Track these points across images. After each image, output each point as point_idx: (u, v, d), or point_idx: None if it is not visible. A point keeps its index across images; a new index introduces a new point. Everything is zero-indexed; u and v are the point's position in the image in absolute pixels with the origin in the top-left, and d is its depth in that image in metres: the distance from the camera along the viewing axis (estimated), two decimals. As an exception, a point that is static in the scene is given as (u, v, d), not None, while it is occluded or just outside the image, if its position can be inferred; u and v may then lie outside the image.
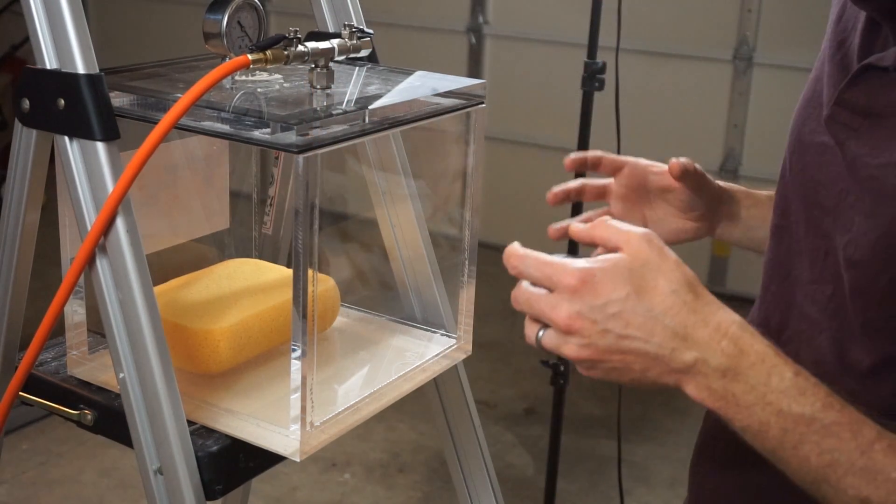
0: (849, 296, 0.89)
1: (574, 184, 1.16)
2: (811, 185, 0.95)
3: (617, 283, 0.77)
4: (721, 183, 1.16)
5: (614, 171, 1.16)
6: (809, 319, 0.93)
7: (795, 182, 0.98)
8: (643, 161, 1.15)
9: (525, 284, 0.80)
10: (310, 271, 0.88)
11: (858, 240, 0.87)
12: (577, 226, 0.85)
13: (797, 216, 0.97)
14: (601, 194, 1.17)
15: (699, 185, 1.12)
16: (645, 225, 1.13)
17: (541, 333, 0.80)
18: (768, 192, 1.15)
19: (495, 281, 1.07)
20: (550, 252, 0.81)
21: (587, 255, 0.82)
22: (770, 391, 0.77)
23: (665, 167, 1.12)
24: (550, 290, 0.79)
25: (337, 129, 0.88)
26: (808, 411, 0.77)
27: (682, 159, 1.11)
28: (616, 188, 1.16)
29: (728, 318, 0.79)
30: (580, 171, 1.17)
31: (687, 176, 1.10)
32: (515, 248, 0.82)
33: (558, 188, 1.15)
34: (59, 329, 0.95)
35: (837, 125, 0.92)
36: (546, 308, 0.79)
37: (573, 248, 2.36)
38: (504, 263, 0.82)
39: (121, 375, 0.87)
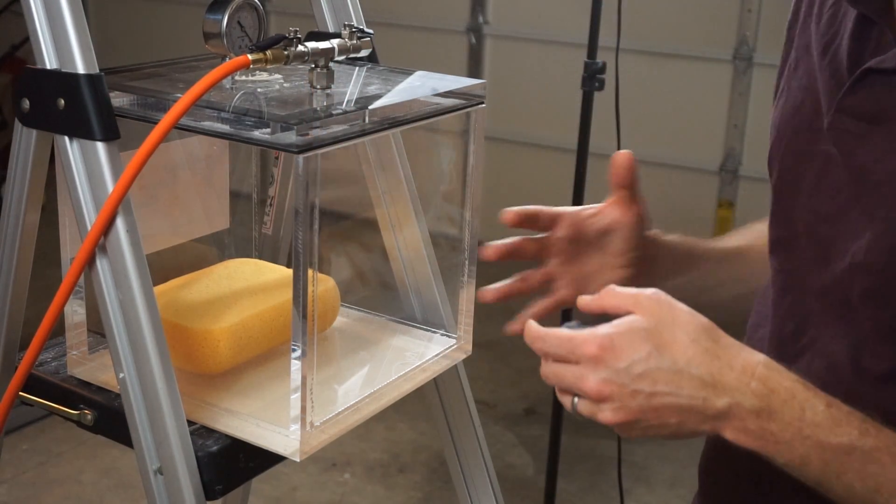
0: (860, 301, 0.89)
1: (512, 241, 1.06)
2: (812, 194, 0.95)
3: (636, 343, 0.79)
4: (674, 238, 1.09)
5: (551, 223, 1.06)
6: (825, 327, 0.93)
7: (793, 193, 0.98)
8: (575, 208, 1.06)
9: (552, 360, 0.83)
10: (310, 271, 0.88)
11: (872, 245, 0.87)
12: (584, 298, 0.87)
13: (802, 227, 0.96)
14: (541, 251, 1.07)
15: (636, 195, 1.03)
16: (582, 282, 1.05)
17: (575, 401, 0.82)
18: (733, 245, 1.12)
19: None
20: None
21: (604, 321, 0.83)
22: (806, 425, 0.79)
23: (599, 206, 1.04)
24: (575, 363, 0.81)
25: (337, 129, 0.88)
26: (846, 441, 0.79)
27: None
28: (555, 242, 1.06)
29: (752, 358, 0.81)
30: (522, 227, 1.07)
31: (631, 175, 1.02)
32: (535, 330, 0.84)
33: (495, 243, 1.05)
34: (59, 329, 0.95)
35: (840, 132, 0.91)
36: (574, 381, 0.81)
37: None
38: (527, 345, 0.85)
39: (121, 375, 0.87)
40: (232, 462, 0.91)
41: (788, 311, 0.98)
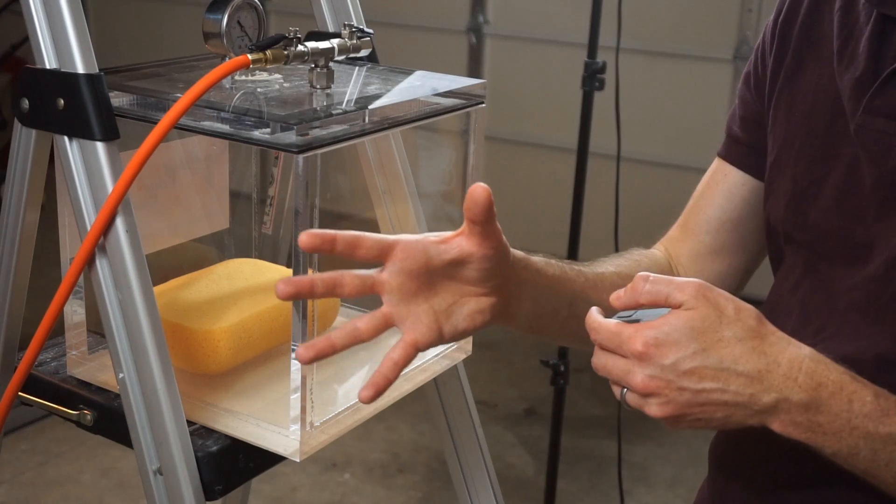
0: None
1: (324, 276, 0.84)
2: (840, 197, 0.95)
3: (681, 341, 0.79)
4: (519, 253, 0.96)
5: (381, 254, 0.85)
6: (850, 324, 0.94)
7: (813, 196, 0.98)
8: (414, 237, 0.87)
9: (603, 351, 0.83)
10: (310, 271, 0.88)
11: None
12: (618, 294, 0.85)
13: (826, 229, 0.97)
14: (368, 289, 0.86)
15: (492, 230, 0.86)
16: (440, 316, 0.88)
17: (624, 391, 0.83)
18: (610, 271, 1.06)
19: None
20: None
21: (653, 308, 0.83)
22: (854, 416, 0.80)
23: (447, 235, 0.88)
24: (623, 356, 0.81)
25: (337, 129, 0.88)
26: (895, 430, 0.80)
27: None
28: (390, 278, 0.85)
29: (799, 352, 0.81)
30: (331, 253, 0.84)
31: (487, 213, 0.84)
32: (592, 320, 0.84)
33: (288, 284, 0.82)
34: (58, 329, 0.95)
35: (871, 133, 0.91)
36: (622, 374, 0.81)
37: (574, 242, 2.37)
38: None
39: (120, 375, 0.87)
40: (232, 462, 0.91)
41: (815, 310, 0.98)
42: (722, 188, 1.13)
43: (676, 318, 0.80)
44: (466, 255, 0.87)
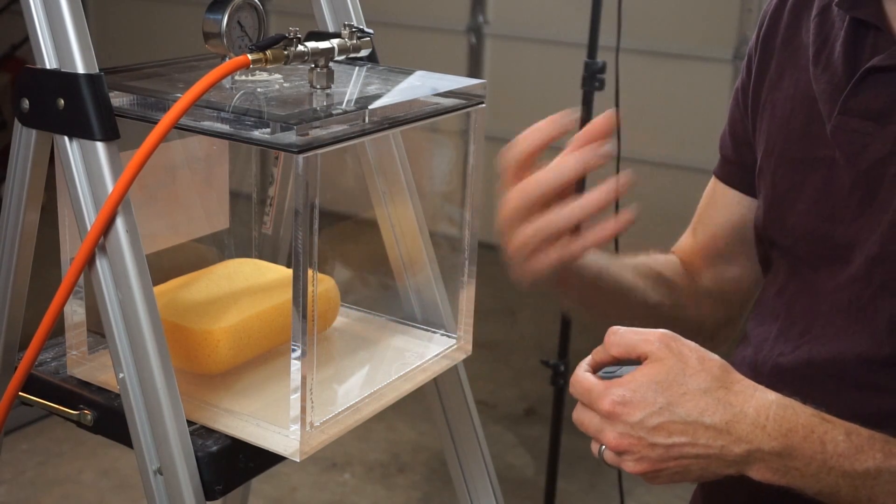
0: (879, 294, 0.90)
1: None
2: (819, 199, 0.96)
3: (648, 398, 0.80)
4: None
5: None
6: (834, 325, 0.94)
7: (791, 200, 0.98)
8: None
9: (582, 406, 0.84)
10: (310, 271, 0.88)
11: (887, 236, 0.89)
12: (597, 350, 0.87)
13: (806, 232, 0.97)
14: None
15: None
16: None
17: (602, 448, 0.83)
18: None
19: (495, 281, 1.07)
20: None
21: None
22: (829, 458, 0.80)
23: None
24: (597, 413, 0.82)
25: (337, 129, 0.88)
26: (871, 466, 0.80)
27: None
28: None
29: (765, 399, 0.81)
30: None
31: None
32: (574, 374, 0.85)
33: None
34: (58, 329, 0.95)
35: (846, 134, 0.92)
36: (596, 432, 0.83)
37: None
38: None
39: (121, 375, 0.87)
40: (232, 462, 0.91)
41: (800, 313, 0.98)
42: (721, 207, 1.15)
43: (642, 374, 0.81)
44: None
